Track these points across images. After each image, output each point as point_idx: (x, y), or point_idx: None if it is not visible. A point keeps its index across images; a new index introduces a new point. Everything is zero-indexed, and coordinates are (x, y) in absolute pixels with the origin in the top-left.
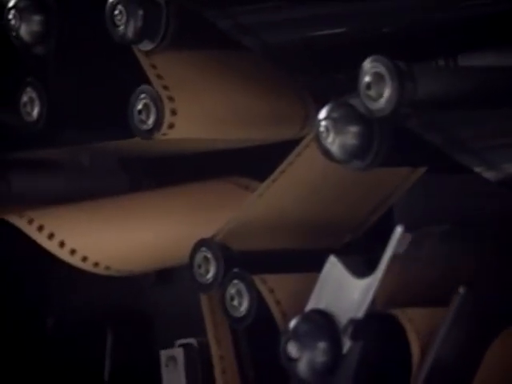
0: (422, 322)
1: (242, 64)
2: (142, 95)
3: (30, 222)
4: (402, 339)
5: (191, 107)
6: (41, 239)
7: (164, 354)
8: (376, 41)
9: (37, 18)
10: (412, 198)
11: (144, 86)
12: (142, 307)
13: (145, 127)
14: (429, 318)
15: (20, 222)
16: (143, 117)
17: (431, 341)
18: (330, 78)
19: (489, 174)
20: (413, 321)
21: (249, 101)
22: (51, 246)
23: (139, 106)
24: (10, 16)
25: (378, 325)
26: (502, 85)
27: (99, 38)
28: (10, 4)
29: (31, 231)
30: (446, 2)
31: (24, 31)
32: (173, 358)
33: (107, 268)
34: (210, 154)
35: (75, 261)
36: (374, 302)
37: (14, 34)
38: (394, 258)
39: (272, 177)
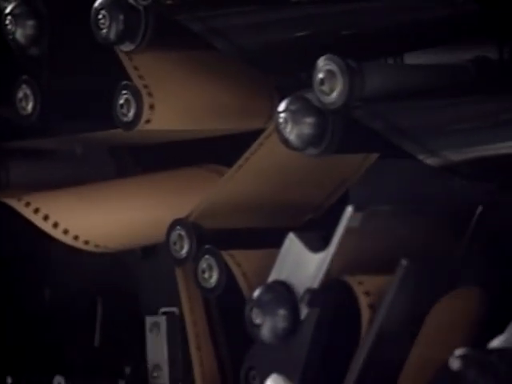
0: (371, 285)
1: (214, 62)
2: (124, 91)
3: (27, 205)
4: (355, 306)
5: (168, 102)
6: (37, 220)
7: (149, 320)
8: (332, 42)
9: (30, 22)
10: (365, 183)
11: (125, 83)
12: (128, 279)
13: (126, 119)
14: (378, 283)
15: (18, 206)
16: (124, 110)
17: (379, 303)
18: (293, 76)
19: (430, 160)
20: (362, 284)
21: (220, 95)
22: (46, 227)
23: (121, 101)
24: (7, 21)
25: (332, 293)
26: (440, 79)
27: (86, 40)
28: (7, 10)
29: (28, 213)
30: (394, 9)
31: (19, 35)
32: (156, 324)
33: (96, 246)
34: (186, 143)
35: (67, 239)
36: (328, 272)
37: (10, 37)
38: (346, 234)
39: (238, 163)
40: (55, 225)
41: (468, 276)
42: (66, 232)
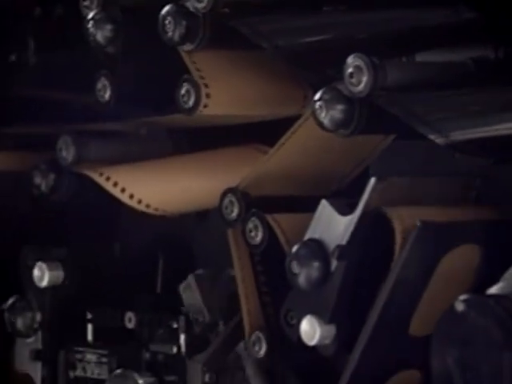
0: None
1: (259, 60)
2: (185, 83)
3: (101, 175)
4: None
5: (221, 91)
6: (108, 187)
7: (182, 285)
8: (358, 44)
9: (108, 26)
10: (383, 159)
11: (186, 76)
12: (184, 239)
13: (187, 106)
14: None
15: (95, 176)
16: (185, 99)
17: (398, 257)
18: (323, 72)
19: (439, 140)
20: (398, 218)
21: (263, 87)
22: (116, 192)
23: (183, 91)
24: (89, 25)
25: (359, 249)
26: (445, 74)
27: (154, 41)
28: (89, 16)
29: (102, 181)
30: (408, 18)
31: (99, 36)
32: (188, 286)
33: (155, 209)
34: (236, 126)
35: (132, 203)
36: (354, 232)
37: (91, 38)
38: (369, 200)
39: (280, 142)
40: (123, 190)
41: (470, 236)
42: (131, 197)
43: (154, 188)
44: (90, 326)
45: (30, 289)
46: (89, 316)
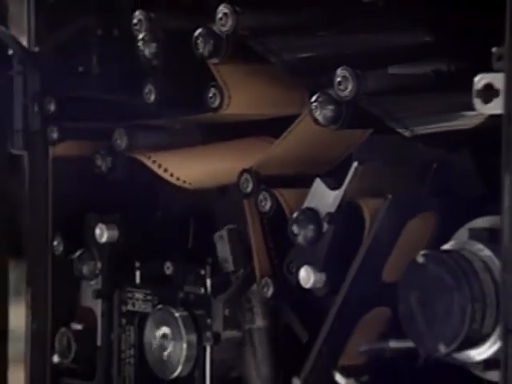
0: (373, 208)
1: (270, 71)
2: (212, 88)
3: (148, 158)
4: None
5: (239, 95)
6: (154, 167)
7: (217, 234)
8: (345, 59)
9: (153, 45)
10: (363, 148)
11: (213, 83)
12: (209, 208)
13: (213, 106)
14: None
15: (143, 158)
16: (212, 100)
17: (374, 221)
18: (317, 80)
19: (406, 133)
20: (366, 205)
21: (273, 92)
22: (160, 171)
23: (210, 94)
24: (139, 44)
25: (344, 216)
26: (412, 83)
27: (188, 55)
28: (139, 37)
29: (149, 163)
30: (383, 40)
31: (147, 52)
32: (221, 236)
33: (190, 183)
34: (250, 122)
35: (172, 180)
36: (341, 203)
37: (141, 53)
38: (352, 178)
39: (284, 134)
40: (165, 170)
41: (428, 205)
42: (171, 175)
43: (188, 168)
44: (137, 273)
45: (92, 244)
46: (137, 265)
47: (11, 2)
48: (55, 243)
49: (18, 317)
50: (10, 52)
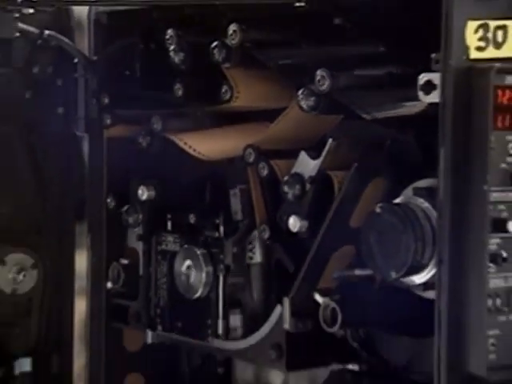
0: (340, 176)
1: (268, 73)
2: (224, 85)
3: (177, 137)
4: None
5: (245, 91)
6: (181, 144)
7: (231, 191)
8: (323, 63)
9: (181, 54)
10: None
11: (226, 81)
12: (221, 174)
13: (225, 99)
14: (341, 176)
15: (173, 138)
16: (224, 95)
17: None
18: (303, 79)
19: (367, 116)
20: (336, 177)
21: (270, 89)
22: (185, 147)
23: (223, 90)
24: (171, 53)
25: (319, 179)
26: (374, 81)
27: (206, 61)
28: (170, 48)
29: (177, 141)
30: (350, 50)
31: (176, 59)
32: (235, 193)
33: (207, 156)
34: (254, 111)
35: (194, 153)
36: (319, 169)
37: (172, 60)
38: (329, 150)
39: (278, 119)
40: (190, 146)
41: (383, 171)
42: (194, 150)
43: (206, 144)
44: (169, 222)
45: (135, 201)
46: (168, 216)
47: (77, 25)
48: (108, 201)
49: (81, 262)
50: (76, 60)
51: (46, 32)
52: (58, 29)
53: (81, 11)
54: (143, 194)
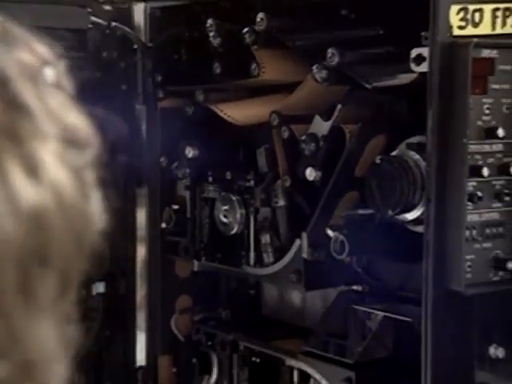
0: (350, 127)
1: (289, 52)
2: (253, 63)
3: (215, 106)
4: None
5: (270, 67)
6: (218, 111)
7: (258, 150)
8: (334, 44)
9: (219, 38)
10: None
11: (253, 60)
12: (252, 135)
13: (254, 74)
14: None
15: (212, 106)
16: (253, 70)
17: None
18: (317, 57)
19: (369, 86)
20: (347, 128)
21: (290, 65)
22: (222, 114)
23: (252, 67)
24: (211, 38)
25: (331, 137)
26: (373, 58)
27: (239, 44)
28: (210, 34)
29: (215, 109)
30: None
31: (215, 43)
32: (260, 152)
33: (240, 121)
34: (277, 84)
35: (229, 119)
36: (330, 129)
37: (211, 44)
38: (338, 113)
39: (298, 89)
40: (225, 113)
41: (383, 129)
42: (229, 116)
43: (238, 111)
44: (210, 177)
45: (183, 158)
46: (209, 173)
47: (136, 16)
48: (161, 160)
49: (141, 216)
50: (135, 47)
51: (113, 24)
52: (121, 21)
53: (139, 7)
54: (189, 152)
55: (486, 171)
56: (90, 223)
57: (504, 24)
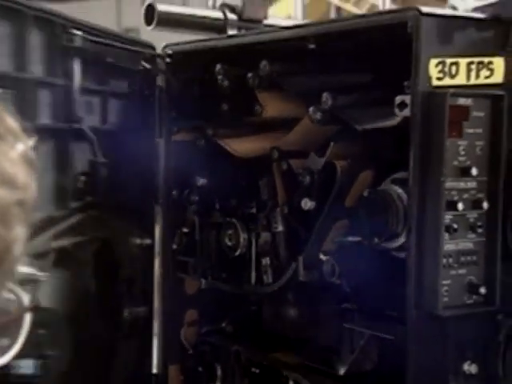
0: (341, 163)
1: (286, 95)
2: (256, 105)
3: (223, 141)
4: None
5: (271, 107)
6: (226, 146)
7: (260, 181)
8: (327, 89)
9: (226, 81)
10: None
11: (256, 100)
12: (253, 167)
13: (257, 112)
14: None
15: (219, 141)
16: (256, 110)
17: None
18: (312, 100)
19: (358, 128)
20: (339, 163)
21: (288, 106)
22: (229, 148)
23: (256, 107)
24: (219, 81)
25: (324, 171)
26: (361, 101)
27: (244, 86)
28: (219, 77)
29: (223, 143)
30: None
31: (224, 85)
32: (263, 182)
33: (244, 154)
34: (276, 122)
35: (235, 152)
36: (324, 165)
37: (220, 86)
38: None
39: (295, 128)
40: (231, 147)
41: (370, 165)
42: (235, 150)
43: (243, 146)
44: (217, 204)
45: (193, 187)
46: (216, 201)
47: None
48: (173, 193)
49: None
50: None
51: (143, 65)
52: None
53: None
54: (198, 181)
55: (461, 205)
56: (8, 246)
57: (478, 76)
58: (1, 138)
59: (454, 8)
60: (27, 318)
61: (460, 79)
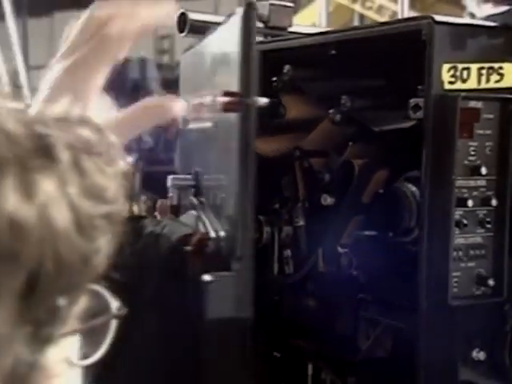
0: (359, 162)
1: (307, 98)
2: (280, 106)
3: None
4: None
5: (293, 110)
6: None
7: (283, 179)
8: (346, 92)
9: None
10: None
11: (280, 103)
12: (278, 165)
13: (280, 115)
14: (359, 163)
15: None
16: (281, 112)
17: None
18: (331, 102)
19: (375, 129)
20: (356, 162)
21: (310, 108)
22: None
23: (280, 110)
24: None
25: (344, 169)
26: (378, 104)
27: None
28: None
29: None
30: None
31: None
32: (286, 178)
33: (267, 153)
34: (299, 123)
35: (259, 151)
36: (343, 163)
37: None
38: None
39: (316, 129)
40: (256, 147)
41: (386, 164)
42: (260, 150)
43: (268, 146)
44: None
45: None
46: None
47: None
48: None
49: None
50: None
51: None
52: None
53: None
54: None
55: (470, 202)
56: (87, 258)
57: (488, 80)
58: (99, 152)
59: (472, 15)
60: (113, 324)
61: (471, 83)
